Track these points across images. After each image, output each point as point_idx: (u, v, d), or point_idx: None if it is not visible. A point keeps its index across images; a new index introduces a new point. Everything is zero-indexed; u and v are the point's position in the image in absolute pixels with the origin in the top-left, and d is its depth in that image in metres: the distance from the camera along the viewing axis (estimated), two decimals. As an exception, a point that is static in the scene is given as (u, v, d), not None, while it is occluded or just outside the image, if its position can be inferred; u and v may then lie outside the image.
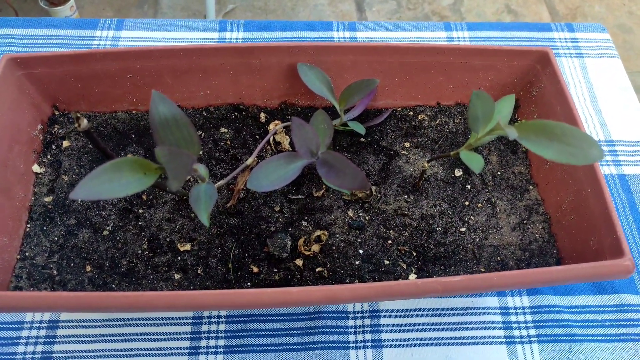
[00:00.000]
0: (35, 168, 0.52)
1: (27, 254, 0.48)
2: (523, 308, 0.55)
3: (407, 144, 0.56)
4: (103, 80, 0.53)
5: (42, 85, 0.52)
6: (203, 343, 0.53)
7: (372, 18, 1.69)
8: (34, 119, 0.53)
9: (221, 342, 0.53)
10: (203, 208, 0.40)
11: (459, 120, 0.58)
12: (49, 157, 0.53)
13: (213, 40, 0.73)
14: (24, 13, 1.57)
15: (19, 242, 0.48)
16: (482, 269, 0.49)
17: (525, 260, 0.49)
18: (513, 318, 0.55)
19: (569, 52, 0.75)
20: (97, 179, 0.31)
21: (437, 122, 0.57)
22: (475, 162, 0.40)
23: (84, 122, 0.34)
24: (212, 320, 0.54)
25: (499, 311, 0.55)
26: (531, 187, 0.54)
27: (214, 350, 0.52)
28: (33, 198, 0.51)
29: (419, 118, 0.58)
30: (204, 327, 0.53)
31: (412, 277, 0.48)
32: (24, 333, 0.52)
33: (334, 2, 1.72)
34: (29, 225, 0.49)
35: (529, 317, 0.55)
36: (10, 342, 0.51)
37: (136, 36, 0.73)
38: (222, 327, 0.53)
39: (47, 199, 0.51)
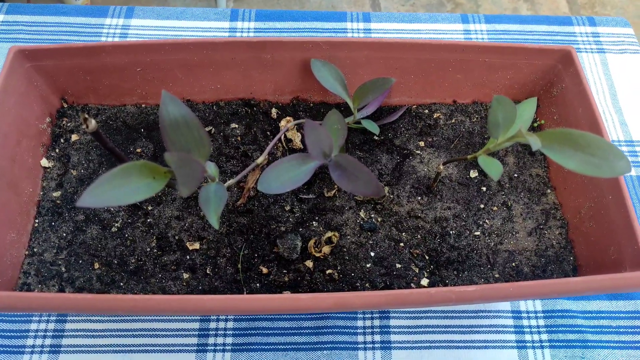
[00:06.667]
0: (44, 162, 0.51)
1: (35, 250, 0.48)
2: (535, 312, 0.55)
3: (422, 143, 0.54)
4: (112, 73, 0.52)
5: (50, 77, 0.51)
6: (211, 340, 0.52)
7: (385, 5, 1.66)
8: (43, 112, 0.52)
9: (229, 340, 0.52)
10: (212, 210, 0.39)
11: (475, 119, 0.56)
12: (57, 151, 0.52)
13: (224, 29, 0.72)
14: (34, -5, 1.55)
15: (27, 238, 0.48)
16: (497, 275, 0.48)
17: (541, 267, 0.48)
18: (525, 322, 0.54)
19: (589, 47, 0.73)
20: (105, 184, 0.30)
21: (453, 120, 0.56)
22: (494, 169, 0.38)
23: (92, 123, 0.33)
24: (220, 317, 0.53)
25: (510, 315, 0.54)
26: (549, 191, 0.52)
27: (221, 347, 0.52)
28: (41, 193, 0.50)
29: (435, 116, 0.56)
30: (212, 324, 0.53)
31: (425, 281, 0.47)
32: (33, 326, 0.52)
33: (347, -12, 1.68)
34: (37, 221, 0.49)
35: (541, 322, 0.54)
36: (19, 334, 0.52)
37: (146, 24, 0.72)
38: (230, 324, 0.53)
39: (56, 194, 0.50)
